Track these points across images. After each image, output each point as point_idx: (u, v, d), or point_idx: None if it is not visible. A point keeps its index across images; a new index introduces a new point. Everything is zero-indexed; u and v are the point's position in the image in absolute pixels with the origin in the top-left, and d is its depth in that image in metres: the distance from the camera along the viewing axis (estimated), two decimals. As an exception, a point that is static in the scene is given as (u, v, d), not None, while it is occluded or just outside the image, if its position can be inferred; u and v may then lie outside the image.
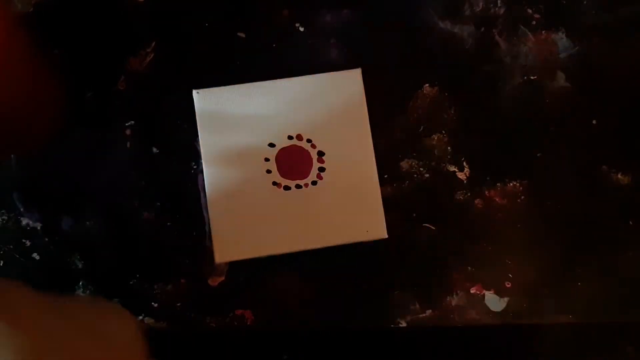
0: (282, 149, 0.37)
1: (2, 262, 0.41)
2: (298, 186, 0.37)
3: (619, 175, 0.41)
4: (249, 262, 0.40)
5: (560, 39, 0.42)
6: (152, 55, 0.41)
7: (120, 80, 0.41)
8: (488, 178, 0.41)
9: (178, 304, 0.40)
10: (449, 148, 0.41)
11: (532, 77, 0.42)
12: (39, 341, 0.25)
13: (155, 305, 0.40)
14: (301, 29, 0.41)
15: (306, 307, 0.41)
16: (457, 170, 0.41)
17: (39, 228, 0.41)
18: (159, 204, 0.41)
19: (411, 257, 0.41)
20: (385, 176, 0.40)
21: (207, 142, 0.37)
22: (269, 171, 0.37)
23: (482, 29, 0.41)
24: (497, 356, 0.47)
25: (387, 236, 0.37)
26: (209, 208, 0.37)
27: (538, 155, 0.41)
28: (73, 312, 0.30)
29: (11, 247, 0.41)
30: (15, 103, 0.35)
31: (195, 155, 0.40)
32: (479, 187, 0.41)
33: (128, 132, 0.41)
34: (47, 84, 0.40)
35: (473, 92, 0.42)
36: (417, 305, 0.41)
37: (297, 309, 0.41)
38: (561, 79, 0.41)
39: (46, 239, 0.41)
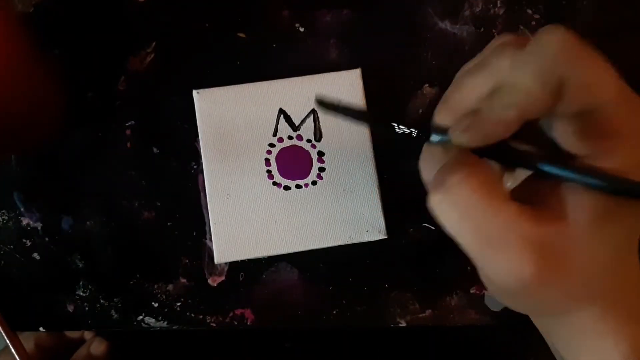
0: (282, 149, 0.37)
1: (2, 262, 0.41)
2: (298, 186, 0.37)
3: (619, 176, 0.41)
4: (249, 262, 0.40)
5: (560, 39, 0.42)
6: (152, 55, 0.41)
7: (120, 81, 0.41)
8: (488, 178, 0.41)
9: (178, 304, 0.40)
10: (448, 148, 0.41)
11: (532, 77, 0.41)
12: None
13: (155, 305, 0.40)
14: (301, 29, 0.41)
15: (306, 307, 0.41)
16: (457, 170, 0.41)
17: (39, 228, 0.41)
18: (159, 204, 0.41)
19: (411, 257, 0.41)
20: (385, 176, 0.40)
21: (207, 142, 0.37)
22: (269, 171, 0.37)
23: (482, 29, 0.41)
24: (497, 356, 0.48)
25: (387, 236, 0.37)
26: (209, 208, 0.37)
27: (538, 155, 0.41)
28: None
29: (11, 247, 0.41)
30: (15, 103, 0.35)
31: (195, 155, 0.41)
32: (478, 187, 0.41)
33: (128, 132, 0.41)
34: (47, 84, 0.40)
35: (473, 92, 0.41)
36: (417, 305, 0.41)
37: (297, 309, 0.41)
38: (561, 79, 0.41)
39: (46, 239, 0.41)
